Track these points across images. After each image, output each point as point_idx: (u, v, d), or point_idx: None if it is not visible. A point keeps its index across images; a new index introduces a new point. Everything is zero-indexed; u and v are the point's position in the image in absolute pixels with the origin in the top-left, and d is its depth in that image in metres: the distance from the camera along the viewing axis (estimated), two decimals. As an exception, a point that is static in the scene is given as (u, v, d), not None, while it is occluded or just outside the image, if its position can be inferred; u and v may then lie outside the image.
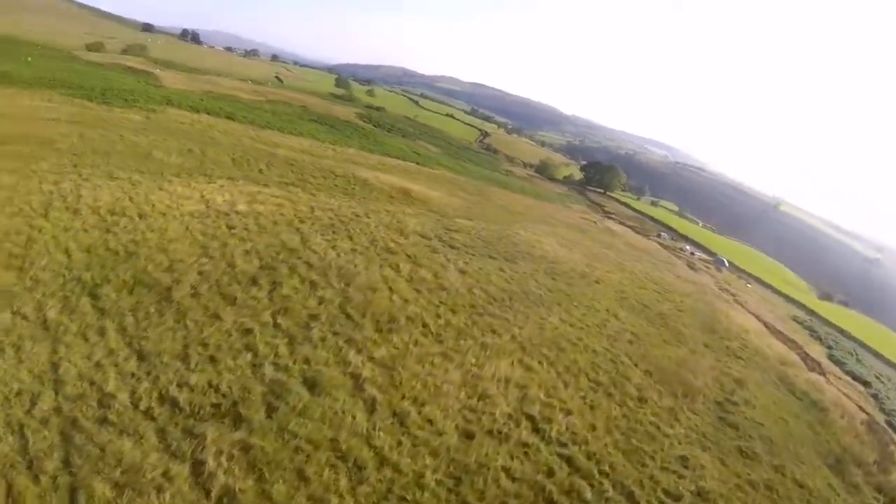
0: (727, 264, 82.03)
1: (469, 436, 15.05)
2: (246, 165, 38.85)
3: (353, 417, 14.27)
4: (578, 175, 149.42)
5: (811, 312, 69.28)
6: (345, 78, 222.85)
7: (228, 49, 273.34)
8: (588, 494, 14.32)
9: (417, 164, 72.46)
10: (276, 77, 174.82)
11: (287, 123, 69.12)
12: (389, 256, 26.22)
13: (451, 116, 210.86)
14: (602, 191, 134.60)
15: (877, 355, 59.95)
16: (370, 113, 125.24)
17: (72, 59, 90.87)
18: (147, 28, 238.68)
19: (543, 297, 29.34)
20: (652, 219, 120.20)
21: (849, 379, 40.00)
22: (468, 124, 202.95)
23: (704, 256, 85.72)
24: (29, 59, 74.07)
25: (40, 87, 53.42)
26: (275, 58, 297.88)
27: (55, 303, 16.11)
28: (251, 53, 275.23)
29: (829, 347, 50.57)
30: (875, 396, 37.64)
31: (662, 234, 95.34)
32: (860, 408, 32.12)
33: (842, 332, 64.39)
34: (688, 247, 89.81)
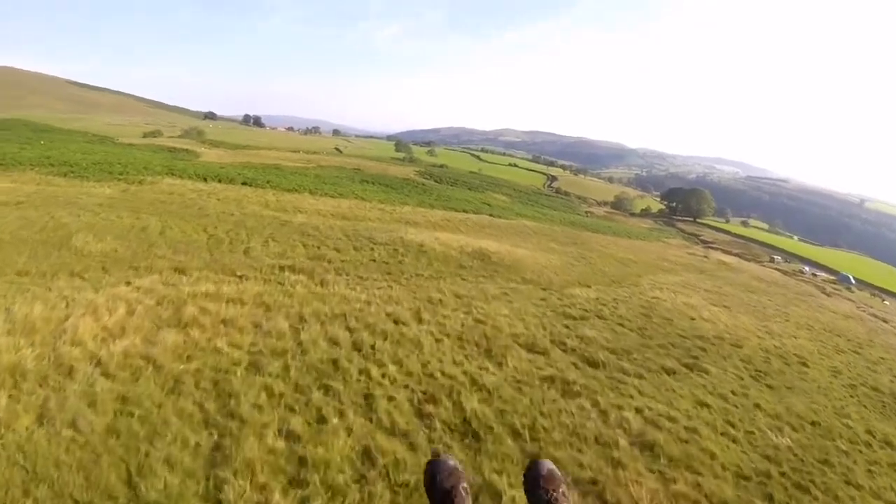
0: (853, 281, 70.88)
1: None
2: (227, 244, 23.21)
3: None
4: (655, 206, 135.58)
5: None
6: (405, 142, 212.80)
7: (289, 129, 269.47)
8: None
9: (490, 215, 56.46)
10: (336, 149, 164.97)
11: (329, 186, 54.56)
12: (467, 452, 9.08)
13: (515, 165, 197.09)
14: (691, 219, 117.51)
15: None
16: (431, 170, 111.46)
17: (102, 143, 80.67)
18: (210, 116, 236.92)
19: (795, 451, 12.52)
20: (752, 241, 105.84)
21: None
22: (533, 171, 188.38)
23: (826, 276, 73.99)
24: (42, 142, 63.95)
25: (27, 167, 40.86)
26: (336, 132, 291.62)
27: None
28: (312, 131, 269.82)
29: None
30: None
31: (775, 257, 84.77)
32: None
33: None
34: (806, 268, 78.86)
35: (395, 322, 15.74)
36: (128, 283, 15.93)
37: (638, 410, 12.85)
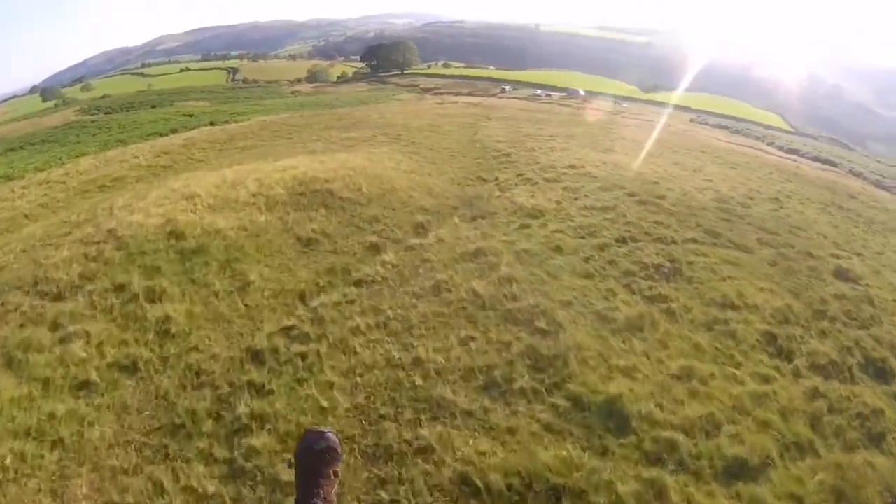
0: (583, 93, 69.90)
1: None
2: None
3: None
4: (349, 70, 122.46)
5: (683, 108, 66.45)
6: (53, 88, 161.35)
7: None
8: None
9: (212, 124, 36.76)
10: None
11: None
12: None
13: (187, 69, 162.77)
14: (398, 72, 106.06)
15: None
16: (95, 104, 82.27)
17: None
18: None
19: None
20: (465, 78, 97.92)
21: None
22: (209, 69, 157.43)
23: (560, 95, 70.08)
24: None
25: None
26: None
27: None
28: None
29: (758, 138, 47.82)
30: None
31: (505, 88, 76.45)
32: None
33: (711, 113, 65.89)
34: (538, 91, 73.05)
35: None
36: None
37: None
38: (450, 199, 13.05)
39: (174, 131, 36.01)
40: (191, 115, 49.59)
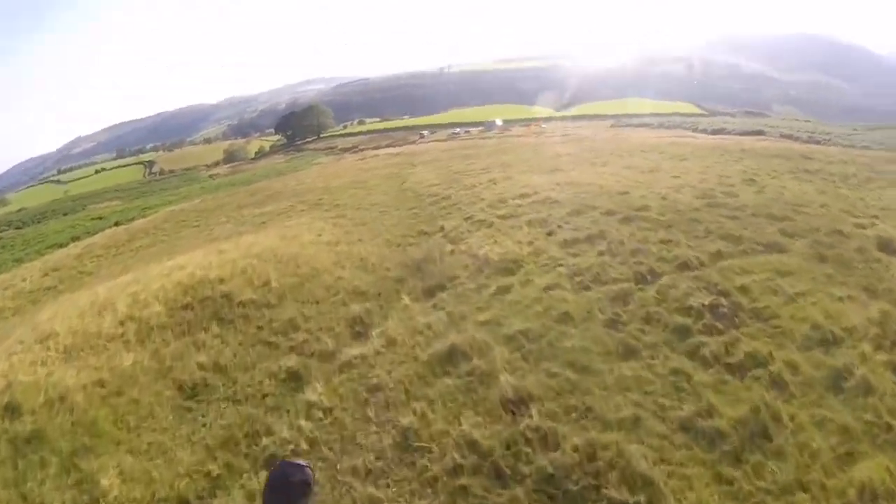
0: (500, 123, 71.17)
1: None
2: None
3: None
4: (267, 145, 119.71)
5: (601, 117, 66.84)
6: None
7: None
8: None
9: (117, 224, 32.66)
10: None
11: None
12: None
13: (103, 170, 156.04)
14: (314, 136, 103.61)
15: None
16: (8, 219, 77.66)
17: None
18: None
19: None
20: (382, 131, 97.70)
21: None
22: (124, 166, 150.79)
23: (478, 129, 71.00)
24: None
25: None
26: None
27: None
28: None
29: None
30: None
31: (423, 133, 76.05)
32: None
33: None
34: (457, 129, 73.28)
35: None
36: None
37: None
38: (391, 269, 9.79)
39: (75, 239, 31.78)
40: (100, 218, 45.20)
